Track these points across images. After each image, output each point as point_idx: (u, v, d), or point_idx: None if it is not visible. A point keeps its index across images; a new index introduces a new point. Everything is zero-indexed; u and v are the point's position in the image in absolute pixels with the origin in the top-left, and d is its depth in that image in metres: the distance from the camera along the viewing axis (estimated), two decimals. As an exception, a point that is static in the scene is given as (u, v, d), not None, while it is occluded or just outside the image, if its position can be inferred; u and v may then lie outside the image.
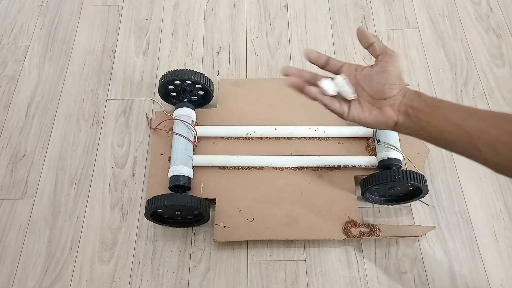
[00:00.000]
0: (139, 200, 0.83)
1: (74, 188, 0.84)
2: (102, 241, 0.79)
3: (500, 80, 0.95)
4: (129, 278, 0.76)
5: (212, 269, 0.76)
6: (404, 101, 0.49)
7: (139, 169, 0.86)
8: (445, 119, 0.46)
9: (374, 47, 0.51)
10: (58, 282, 0.76)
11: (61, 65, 0.99)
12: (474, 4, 1.06)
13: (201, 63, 0.99)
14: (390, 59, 0.50)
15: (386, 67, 0.49)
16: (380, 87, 0.49)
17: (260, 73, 0.97)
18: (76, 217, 0.81)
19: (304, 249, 0.78)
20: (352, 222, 0.76)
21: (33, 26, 1.05)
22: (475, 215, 0.80)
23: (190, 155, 0.80)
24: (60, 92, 0.95)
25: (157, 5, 1.07)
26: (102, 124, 0.91)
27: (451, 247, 0.78)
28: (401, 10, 1.06)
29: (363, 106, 0.51)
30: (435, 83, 0.95)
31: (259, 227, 0.76)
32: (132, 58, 1.00)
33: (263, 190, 0.80)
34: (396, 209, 0.81)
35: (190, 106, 0.85)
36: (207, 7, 1.07)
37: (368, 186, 0.75)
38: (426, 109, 0.48)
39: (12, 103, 0.94)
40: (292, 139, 0.85)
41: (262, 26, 1.04)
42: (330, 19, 1.04)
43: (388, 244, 0.78)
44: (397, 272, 0.76)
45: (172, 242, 0.79)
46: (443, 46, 1.00)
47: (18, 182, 0.85)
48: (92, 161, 0.87)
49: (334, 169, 0.82)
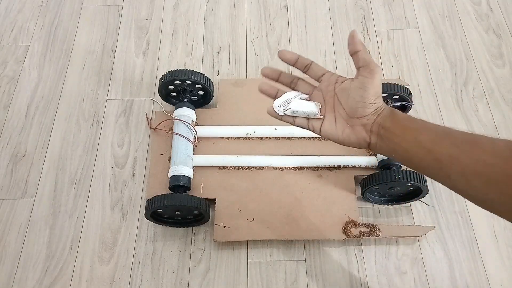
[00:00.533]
0: (139, 200, 0.83)
1: (74, 188, 0.84)
2: (102, 241, 0.79)
3: (500, 80, 0.95)
4: (129, 278, 0.76)
5: (212, 269, 0.76)
6: (377, 121, 0.46)
7: (139, 169, 0.86)
8: (415, 142, 0.43)
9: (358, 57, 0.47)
10: (58, 282, 0.76)
11: (61, 65, 0.99)
12: (474, 4, 1.06)
13: (201, 63, 0.99)
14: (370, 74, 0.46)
15: (364, 83, 0.46)
16: (355, 104, 0.46)
17: (260, 73, 0.97)
18: (76, 217, 0.81)
19: (304, 249, 0.78)
20: (352, 222, 0.76)
21: (33, 26, 1.05)
22: (475, 215, 0.80)
23: (190, 155, 0.80)
24: (60, 92, 0.95)
25: (157, 5, 1.07)
26: (102, 124, 0.91)
27: (451, 247, 0.78)
28: (401, 10, 1.06)
29: (337, 122, 0.48)
30: (435, 83, 0.95)
31: (259, 227, 0.76)
32: (132, 58, 1.00)
33: (263, 190, 0.80)
34: (396, 209, 0.81)
35: (190, 106, 0.85)
36: (207, 7, 1.07)
37: (368, 186, 0.75)
38: (397, 130, 0.45)
39: (12, 103, 0.94)
40: (292, 139, 0.85)
41: (262, 26, 1.04)
42: (330, 19, 1.04)
43: (388, 244, 0.78)
44: (397, 272, 0.76)
45: (172, 242, 0.79)
46: (443, 46, 1.00)
47: (18, 182, 0.85)
48: (92, 161, 0.87)
49: (334, 169, 0.82)
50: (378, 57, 0.98)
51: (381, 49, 1.00)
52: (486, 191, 0.39)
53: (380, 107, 0.47)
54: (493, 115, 0.91)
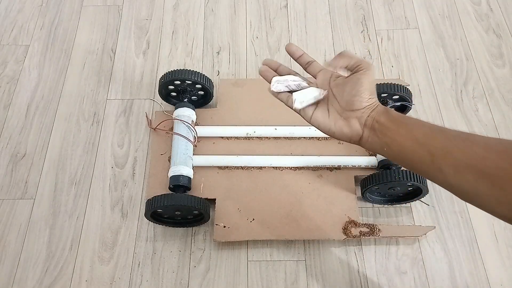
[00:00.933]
0: (139, 200, 0.83)
1: (74, 188, 0.84)
2: (102, 241, 0.79)
3: (500, 80, 0.95)
4: (129, 278, 0.76)
5: (212, 269, 0.76)
6: (372, 115, 0.47)
7: (139, 169, 0.86)
8: (409, 137, 0.45)
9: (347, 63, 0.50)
10: (58, 282, 0.76)
11: (61, 65, 0.99)
12: (474, 4, 1.06)
13: (201, 63, 0.99)
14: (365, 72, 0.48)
15: (360, 79, 0.48)
16: (351, 97, 0.48)
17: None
18: (76, 217, 0.81)
19: (304, 249, 0.78)
20: (352, 222, 0.76)
21: (33, 26, 1.05)
22: (475, 215, 0.80)
23: (190, 155, 0.80)
24: (60, 92, 0.95)
25: (157, 5, 1.07)
26: (102, 124, 0.91)
27: (451, 247, 0.78)
28: (401, 10, 1.06)
29: (330, 114, 0.50)
30: (435, 83, 0.95)
31: (259, 227, 0.76)
32: (132, 58, 1.00)
33: (263, 190, 0.80)
34: (396, 209, 0.81)
35: (190, 106, 0.85)
36: (207, 7, 1.07)
37: (368, 186, 0.75)
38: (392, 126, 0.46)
39: (12, 103, 0.94)
40: (292, 139, 0.85)
41: (262, 26, 1.04)
42: (330, 19, 1.04)
43: (388, 244, 0.78)
44: (397, 272, 0.76)
45: (172, 242, 0.79)
46: (443, 46, 1.00)
47: (18, 182, 0.85)
48: (92, 161, 0.87)
49: (334, 169, 0.82)
50: (378, 57, 0.98)
51: (381, 49, 0.99)
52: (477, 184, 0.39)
53: (374, 103, 0.48)
54: (493, 115, 0.91)
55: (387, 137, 0.46)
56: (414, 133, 0.44)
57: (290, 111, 0.50)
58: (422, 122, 0.46)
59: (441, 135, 0.43)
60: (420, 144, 0.44)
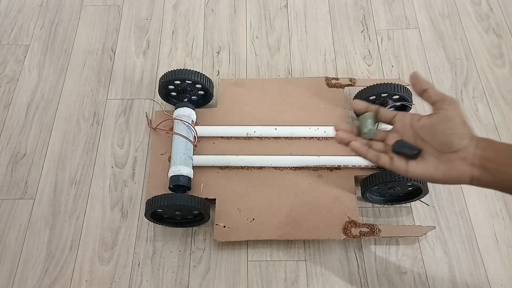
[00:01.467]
0: (139, 200, 0.83)
1: (74, 188, 0.84)
2: (102, 241, 0.79)
3: (500, 80, 0.95)
4: (129, 278, 0.76)
5: (212, 269, 0.76)
6: (478, 153, 0.43)
7: (139, 169, 0.86)
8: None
9: (428, 94, 0.46)
10: (58, 282, 0.76)
11: (61, 65, 0.99)
12: (474, 4, 1.06)
13: (201, 63, 0.99)
14: (451, 105, 0.44)
15: (448, 115, 0.44)
16: (447, 138, 0.44)
17: (260, 73, 0.97)
18: (76, 217, 0.81)
19: (304, 249, 0.78)
20: (352, 222, 0.76)
21: (33, 26, 1.05)
22: (475, 215, 0.80)
23: (190, 155, 0.80)
24: (60, 92, 0.95)
25: (157, 5, 1.07)
26: (102, 124, 0.91)
27: (451, 247, 0.78)
28: (401, 10, 1.06)
29: (427, 161, 0.46)
30: (435, 83, 0.95)
31: (259, 227, 0.76)
32: (132, 58, 1.00)
33: (263, 190, 0.80)
34: (396, 209, 0.81)
35: (190, 106, 0.85)
36: (207, 7, 1.07)
37: (368, 186, 0.75)
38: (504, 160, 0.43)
39: (12, 103, 0.94)
40: (292, 139, 0.85)
41: (262, 26, 1.04)
42: (330, 19, 1.04)
43: (388, 244, 0.78)
44: (397, 272, 0.76)
45: (172, 242, 0.79)
46: (443, 46, 1.00)
47: (18, 182, 0.85)
48: (92, 161, 0.87)
49: (334, 169, 0.82)
50: (378, 57, 0.98)
51: (381, 49, 0.99)
52: None
53: (473, 137, 0.45)
54: (493, 115, 0.91)
55: (501, 174, 0.43)
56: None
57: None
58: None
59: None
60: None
